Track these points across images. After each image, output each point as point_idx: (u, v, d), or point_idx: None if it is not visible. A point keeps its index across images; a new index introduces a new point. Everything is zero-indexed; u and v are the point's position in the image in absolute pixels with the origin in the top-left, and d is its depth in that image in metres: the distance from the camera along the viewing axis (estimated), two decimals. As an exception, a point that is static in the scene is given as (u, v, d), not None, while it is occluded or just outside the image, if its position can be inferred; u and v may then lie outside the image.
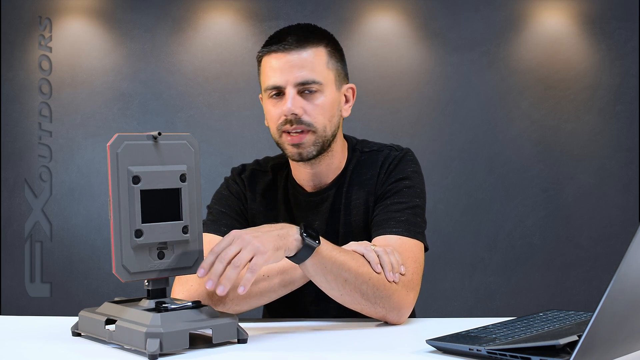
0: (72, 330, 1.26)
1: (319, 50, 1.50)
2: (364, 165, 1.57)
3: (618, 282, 0.90)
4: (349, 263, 1.32)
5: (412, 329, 1.35)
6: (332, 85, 1.51)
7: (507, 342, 1.06)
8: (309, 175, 1.56)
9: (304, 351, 1.18)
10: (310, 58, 1.48)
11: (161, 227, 1.16)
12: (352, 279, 1.32)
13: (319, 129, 1.48)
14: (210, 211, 1.57)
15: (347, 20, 3.49)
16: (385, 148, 1.59)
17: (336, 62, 1.53)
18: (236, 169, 1.64)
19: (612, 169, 3.55)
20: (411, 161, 1.56)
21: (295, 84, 1.47)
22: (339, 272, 1.31)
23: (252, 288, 1.34)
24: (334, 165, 1.57)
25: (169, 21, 3.53)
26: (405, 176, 1.53)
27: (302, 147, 1.48)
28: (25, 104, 3.51)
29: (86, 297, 3.40)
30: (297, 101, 1.47)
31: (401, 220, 1.47)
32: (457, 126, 3.53)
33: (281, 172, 1.62)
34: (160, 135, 1.16)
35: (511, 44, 3.54)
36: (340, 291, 1.33)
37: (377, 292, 1.34)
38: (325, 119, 1.49)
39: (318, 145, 1.49)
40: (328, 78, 1.50)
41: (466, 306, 3.47)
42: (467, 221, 3.51)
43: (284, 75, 1.47)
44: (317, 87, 1.48)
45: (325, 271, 1.30)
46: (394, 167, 1.54)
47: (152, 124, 3.47)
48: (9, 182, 3.50)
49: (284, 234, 1.24)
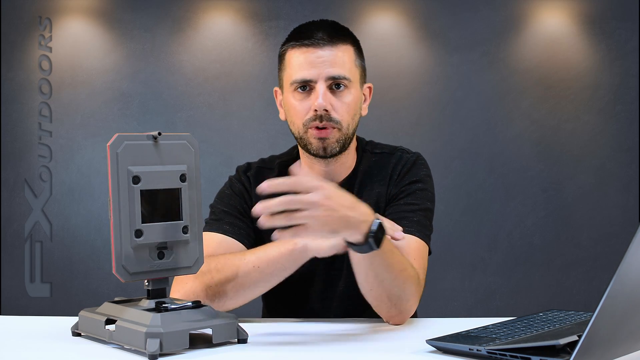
0: (72, 330, 1.26)
1: (348, 47, 1.51)
2: (375, 166, 1.58)
3: (618, 282, 0.90)
4: (394, 266, 1.31)
5: (412, 329, 1.35)
6: (358, 83, 1.53)
7: (507, 342, 1.06)
8: (322, 173, 1.55)
9: (304, 351, 1.18)
10: (341, 54, 1.49)
11: (161, 227, 1.16)
12: (389, 281, 1.31)
13: (344, 126, 1.49)
14: (212, 210, 1.56)
15: (347, 20, 3.49)
16: (397, 151, 1.60)
17: (362, 61, 1.55)
18: (241, 167, 1.63)
19: (612, 169, 3.55)
20: (423, 165, 1.58)
21: (327, 78, 1.47)
22: (381, 272, 1.30)
23: (244, 280, 1.34)
24: (347, 165, 1.57)
25: (169, 21, 3.52)
26: (418, 179, 1.54)
27: (327, 142, 1.48)
28: (25, 104, 3.51)
29: (86, 297, 3.40)
30: (327, 97, 1.47)
31: (414, 221, 1.47)
32: (457, 126, 3.53)
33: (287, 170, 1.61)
34: (160, 135, 1.16)
35: (511, 44, 3.54)
36: (371, 287, 1.33)
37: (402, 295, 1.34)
38: (350, 117, 1.50)
39: (341, 143, 1.50)
40: (355, 76, 1.51)
41: (466, 306, 3.47)
42: (467, 221, 3.51)
43: (316, 70, 1.47)
44: (347, 84, 1.49)
45: (370, 268, 1.29)
46: (407, 170, 1.55)
47: (152, 124, 3.47)
48: (9, 182, 3.50)
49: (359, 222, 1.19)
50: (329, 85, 1.48)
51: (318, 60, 1.47)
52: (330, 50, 1.48)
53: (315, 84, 1.48)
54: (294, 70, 1.49)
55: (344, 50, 1.50)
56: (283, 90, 1.55)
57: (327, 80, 1.47)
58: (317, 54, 1.48)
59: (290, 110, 1.52)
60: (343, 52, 1.49)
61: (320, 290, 1.54)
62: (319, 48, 1.48)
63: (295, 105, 1.50)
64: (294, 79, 1.49)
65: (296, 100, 1.50)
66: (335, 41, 1.49)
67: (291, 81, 1.50)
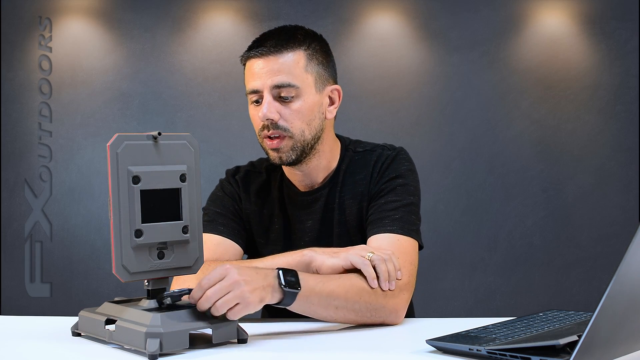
0: (72, 330, 1.26)
1: (297, 54, 1.49)
2: (357, 165, 1.58)
3: (618, 282, 0.90)
4: (337, 291, 1.30)
5: (412, 329, 1.35)
6: (312, 88, 1.50)
7: (507, 342, 1.06)
8: (298, 176, 1.57)
9: (304, 351, 1.18)
10: (288, 62, 1.48)
11: (161, 227, 1.16)
12: (343, 304, 1.31)
13: (296, 133, 1.49)
14: (205, 212, 1.57)
15: (347, 20, 3.49)
16: (377, 148, 1.59)
17: (317, 65, 1.52)
18: (230, 170, 1.66)
19: (612, 169, 3.55)
20: (404, 159, 1.56)
21: (271, 87, 1.47)
22: (327, 303, 1.30)
23: None
24: (323, 166, 1.57)
25: (169, 21, 3.53)
26: (398, 174, 1.53)
27: (281, 152, 1.49)
28: (25, 104, 3.51)
29: (86, 297, 3.40)
30: (272, 106, 1.47)
31: (395, 218, 1.47)
32: (457, 126, 3.53)
33: (275, 172, 1.63)
34: (160, 135, 1.16)
35: (511, 44, 3.54)
36: (333, 317, 1.33)
37: (371, 305, 1.33)
38: (303, 124, 1.49)
39: (297, 150, 1.50)
40: (306, 82, 1.49)
41: (466, 306, 3.47)
42: (467, 221, 3.51)
43: (261, 80, 1.47)
44: (294, 92, 1.48)
45: (313, 307, 1.29)
46: (387, 166, 1.54)
47: (152, 124, 3.47)
48: (9, 182, 3.50)
49: (267, 284, 1.21)
50: (277, 94, 1.48)
51: (263, 70, 1.47)
52: (275, 59, 1.47)
53: (262, 94, 1.48)
54: (246, 82, 1.52)
55: (292, 57, 1.48)
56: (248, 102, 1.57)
57: (272, 89, 1.47)
58: (260, 65, 1.48)
59: (251, 120, 1.54)
60: (291, 59, 1.48)
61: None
62: (262, 57, 1.48)
63: (252, 115, 1.53)
64: (247, 91, 1.51)
65: (253, 111, 1.52)
66: (281, 49, 1.48)
67: (246, 92, 1.52)
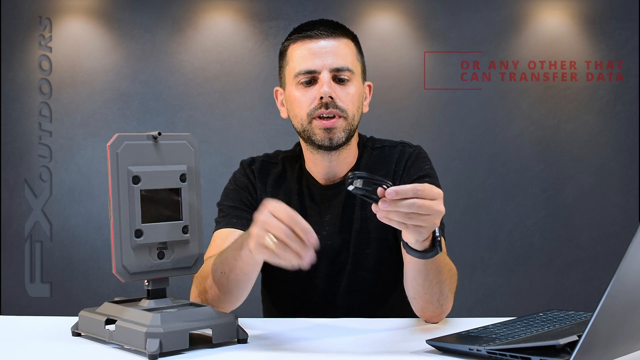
0: (72, 330, 1.26)
1: (349, 41, 1.52)
2: (377, 161, 1.57)
3: (618, 282, 0.90)
4: (446, 266, 1.32)
5: (412, 329, 1.35)
6: (360, 77, 1.53)
7: (507, 342, 1.06)
8: (324, 168, 1.55)
9: (304, 351, 1.18)
10: (343, 47, 1.50)
11: (161, 227, 1.16)
12: (442, 282, 1.32)
13: (350, 116, 1.49)
14: (220, 208, 1.56)
15: (347, 20, 3.47)
16: (397, 144, 1.59)
17: (362, 57, 1.56)
18: (245, 161, 1.63)
19: (612, 169, 3.55)
20: (427, 158, 1.57)
21: (330, 69, 1.47)
22: (437, 274, 1.30)
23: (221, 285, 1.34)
24: (349, 161, 1.56)
25: (169, 21, 3.52)
26: (425, 173, 1.53)
27: (333, 132, 1.47)
28: (25, 104, 3.51)
29: (86, 297, 3.40)
30: (332, 85, 1.47)
31: None
32: (457, 126, 3.53)
33: (292, 164, 1.60)
34: (160, 135, 1.16)
35: (511, 44, 3.54)
36: (426, 290, 1.32)
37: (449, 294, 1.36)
38: (355, 108, 1.50)
39: (347, 132, 1.49)
40: (357, 69, 1.52)
41: (466, 306, 3.47)
42: (467, 221, 3.51)
43: (320, 60, 1.47)
44: (350, 76, 1.49)
45: (432, 272, 1.29)
46: (412, 164, 1.54)
47: (152, 124, 3.47)
48: (9, 182, 3.50)
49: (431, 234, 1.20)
50: (334, 77, 1.48)
51: (322, 51, 1.48)
52: (332, 42, 1.49)
53: (318, 75, 1.48)
54: (297, 63, 1.49)
55: (345, 44, 1.51)
56: (285, 87, 1.54)
57: (331, 71, 1.48)
58: (320, 45, 1.49)
59: (294, 103, 1.51)
60: (345, 45, 1.50)
61: (323, 286, 1.54)
62: (321, 39, 1.49)
63: (298, 97, 1.50)
64: (298, 71, 1.49)
65: (300, 93, 1.50)
66: (336, 34, 1.50)
67: (295, 73, 1.50)
